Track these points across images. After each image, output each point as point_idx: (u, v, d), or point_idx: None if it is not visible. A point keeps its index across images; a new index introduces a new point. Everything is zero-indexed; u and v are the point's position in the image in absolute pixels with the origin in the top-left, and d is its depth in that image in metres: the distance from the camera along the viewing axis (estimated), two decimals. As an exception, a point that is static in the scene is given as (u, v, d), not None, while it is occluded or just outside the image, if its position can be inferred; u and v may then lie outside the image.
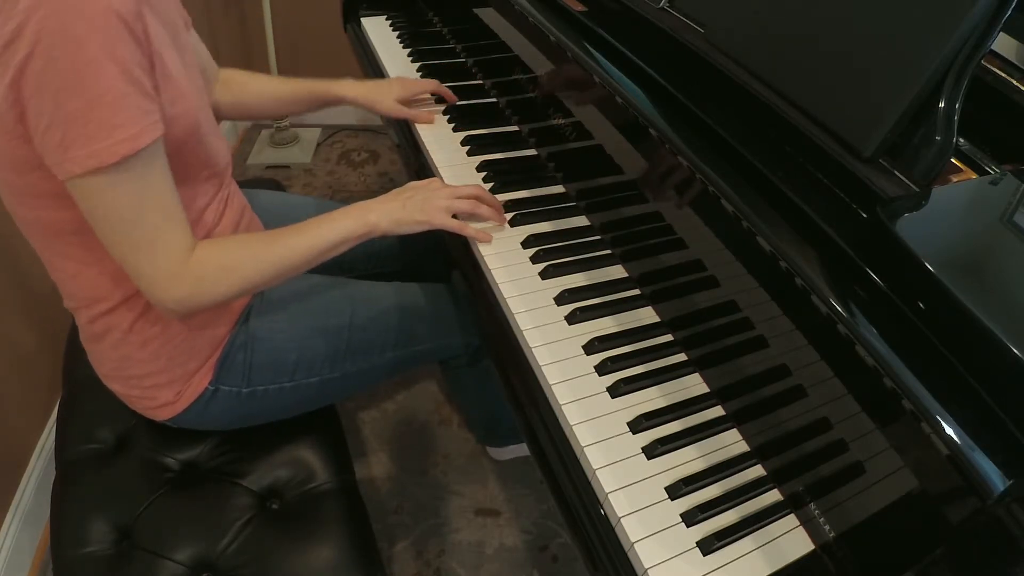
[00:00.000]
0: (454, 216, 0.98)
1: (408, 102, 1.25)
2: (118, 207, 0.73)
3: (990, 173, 0.65)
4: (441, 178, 1.11)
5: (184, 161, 0.81)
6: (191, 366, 0.93)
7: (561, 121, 1.08)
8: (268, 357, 0.98)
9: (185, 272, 0.79)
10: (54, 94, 0.67)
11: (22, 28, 0.65)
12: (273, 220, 1.14)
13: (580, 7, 1.02)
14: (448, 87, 1.29)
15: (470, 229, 0.98)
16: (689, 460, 0.75)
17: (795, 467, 0.71)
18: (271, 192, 1.29)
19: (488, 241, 0.99)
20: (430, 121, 1.24)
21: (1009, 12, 0.60)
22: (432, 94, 1.29)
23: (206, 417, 0.97)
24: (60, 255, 0.85)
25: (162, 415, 0.96)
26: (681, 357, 0.85)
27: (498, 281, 0.93)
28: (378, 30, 1.57)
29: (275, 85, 1.23)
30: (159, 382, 0.93)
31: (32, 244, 0.86)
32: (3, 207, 0.83)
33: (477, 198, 0.99)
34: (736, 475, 0.74)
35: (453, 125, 1.23)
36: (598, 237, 1.01)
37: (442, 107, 1.28)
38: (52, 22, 0.64)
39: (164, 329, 0.90)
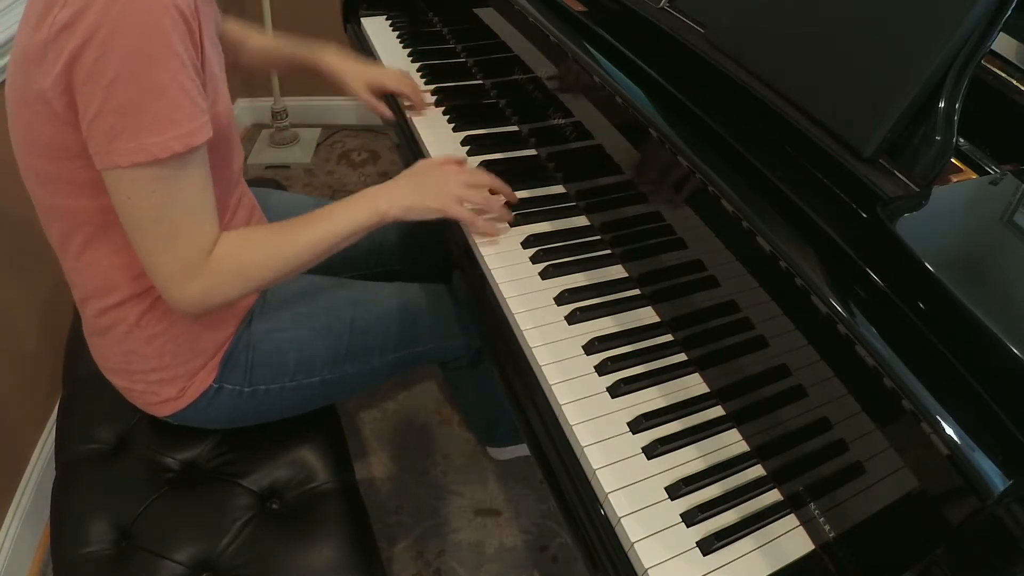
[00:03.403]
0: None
1: (377, 91, 1.25)
2: (154, 202, 0.73)
3: (990, 173, 0.65)
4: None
5: (211, 159, 0.81)
6: (195, 364, 0.93)
7: (561, 121, 1.08)
8: (270, 357, 0.98)
9: (201, 269, 0.79)
10: (108, 83, 0.67)
11: (81, 15, 0.65)
12: (273, 220, 1.14)
13: (580, 7, 1.02)
14: (448, 87, 1.29)
15: (480, 224, 0.97)
16: (689, 460, 0.74)
17: (795, 467, 0.71)
18: (271, 192, 1.29)
19: (496, 235, 0.98)
20: (389, 117, 1.24)
21: (1009, 12, 0.60)
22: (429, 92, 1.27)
23: (208, 415, 0.97)
24: (79, 244, 0.85)
25: (164, 411, 0.96)
26: (681, 357, 0.85)
27: (498, 281, 0.93)
28: (378, 30, 1.57)
29: (266, 42, 1.22)
30: (163, 377, 0.93)
31: (49, 232, 0.86)
32: (4, 208, 0.83)
33: (491, 188, 0.99)
34: (736, 475, 0.74)
35: (453, 125, 1.23)
36: (598, 237, 1.01)
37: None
38: (114, 12, 0.65)
39: (170, 326, 0.90)
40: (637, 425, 0.76)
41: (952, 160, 0.65)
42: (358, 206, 0.90)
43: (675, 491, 0.71)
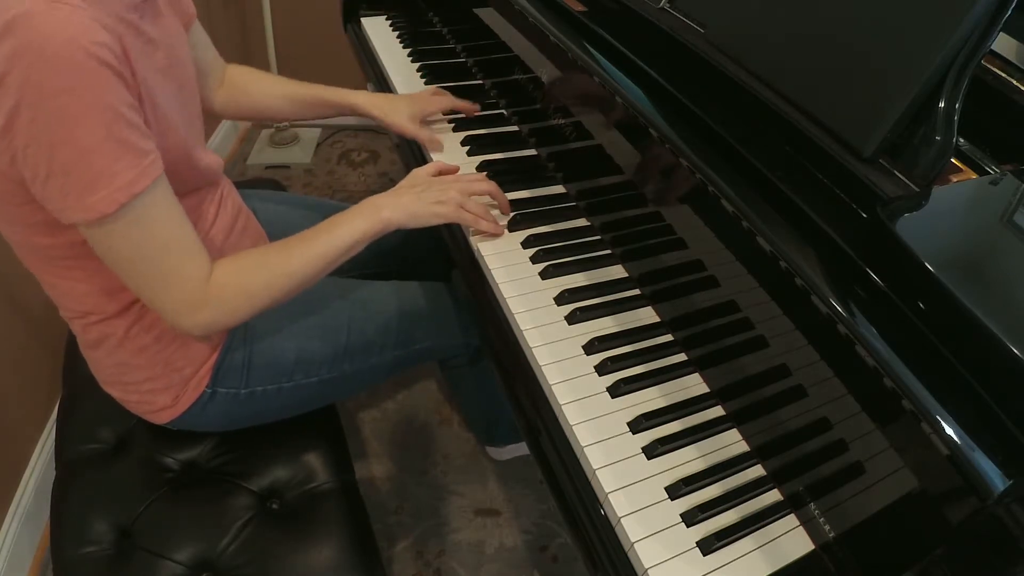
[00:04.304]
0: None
1: (421, 121, 1.20)
2: (127, 248, 0.73)
3: (990, 173, 0.65)
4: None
5: (174, 181, 0.79)
6: (188, 371, 0.93)
7: (561, 121, 1.08)
8: (267, 358, 0.98)
9: (205, 299, 0.79)
10: (48, 145, 0.66)
11: (5, 76, 0.63)
12: (273, 220, 1.14)
13: (580, 7, 1.02)
14: (448, 87, 1.29)
15: (485, 223, 0.97)
16: (689, 460, 0.74)
17: (795, 467, 0.71)
18: (271, 192, 1.29)
19: (501, 234, 0.98)
20: (438, 148, 1.17)
21: (1009, 12, 0.60)
22: (444, 112, 1.23)
23: (205, 419, 0.97)
24: (52, 274, 0.85)
25: (161, 419, 0.96)
26: (681, 357, 0.85)
27: (498, 281, 0.93)
28: (378, 30, 1.57)
29: (285, 85, 1.19)
30: (156, 387, 0.93)
31: (23, 262, 0.86)
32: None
33: (490, 195, 1.00)
34: (736, 475, 0.74)
35: (453, 125, 1.23)
36: (598, 237, 1.01)
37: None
38: (35, 73, 0.63)
39: (159, 336, 0.90)
40: (637, 425, 0.76)
41: (952, 160, 0.65)
42: (361, 215, 0.90)
43: (675, 491, 0.71)
